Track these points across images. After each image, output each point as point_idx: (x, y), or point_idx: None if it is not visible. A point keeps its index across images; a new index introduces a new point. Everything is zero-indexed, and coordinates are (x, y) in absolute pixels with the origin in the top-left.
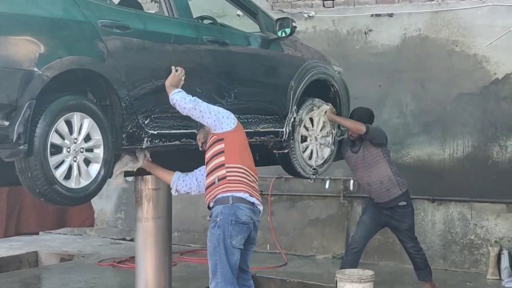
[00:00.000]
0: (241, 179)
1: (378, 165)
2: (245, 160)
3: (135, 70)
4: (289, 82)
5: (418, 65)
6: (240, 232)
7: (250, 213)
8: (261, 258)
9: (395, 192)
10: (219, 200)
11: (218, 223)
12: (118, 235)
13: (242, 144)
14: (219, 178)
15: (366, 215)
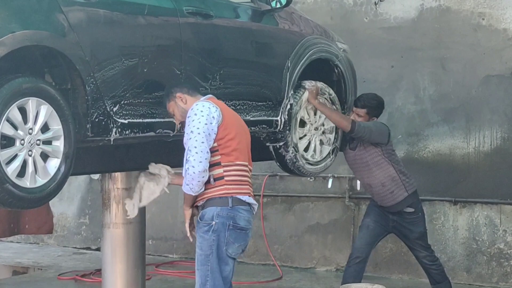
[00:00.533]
0: (240, 179)
1: (378, 166)
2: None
3: (102, 47)
4: (285, 62)
5: (438, 42)
6: (238, 239)
7: (249, 216)
8: (252, 271)
9: (400, 195)
10: (216, 201)
11: (213, 227)
12: (81, 243)
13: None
14: (215, 177)
15: (369, 218)
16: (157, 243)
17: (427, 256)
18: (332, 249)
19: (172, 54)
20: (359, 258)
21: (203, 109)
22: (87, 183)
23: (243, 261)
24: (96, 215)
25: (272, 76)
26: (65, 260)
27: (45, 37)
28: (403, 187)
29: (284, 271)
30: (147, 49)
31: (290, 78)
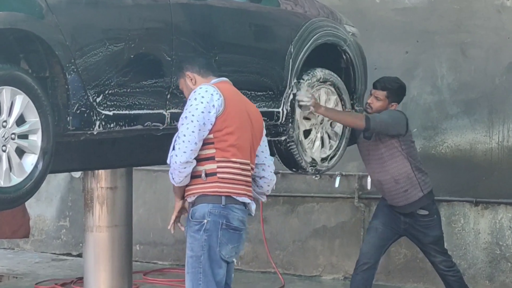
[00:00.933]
0: (237, 178)
1: (393, 159)
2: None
3: (83, 31)
4: (288, 47)
5: (458, 25)
6: (231, 240)
7: (243, 216)
8: (251, 279)
9: (415, 194)
10: (208, 198)
11: (205, 226)
12: (61, 249)
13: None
14: (208, 173)
15: (378, 220)
16: (145, 248)
17: (443, 261)
18: (339, 255)
19: (162, 38)
20: (367, 264)
21: (204, 94)
22: (67, 182)
23: (241, 269)
24: (77, 217)
25: (273, 63)
26: (43, 268)
27: (20, 19)
28: (419, 186)
29: (286, 279)
30: (134, 33)
31: (293, 65)
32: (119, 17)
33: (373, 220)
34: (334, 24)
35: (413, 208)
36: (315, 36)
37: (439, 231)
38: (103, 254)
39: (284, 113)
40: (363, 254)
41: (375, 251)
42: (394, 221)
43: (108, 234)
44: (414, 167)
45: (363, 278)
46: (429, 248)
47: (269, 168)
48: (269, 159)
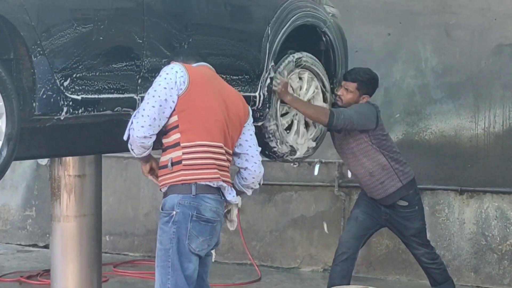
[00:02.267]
0: (204, 162)
1: (365, 153)
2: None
3: (50, 10)
4: (265, 28)
5: (442, 5)
6: (202, 233)
7: (217, 206)
8: (227, 271)
9: (393, 185)
10: (177, 188)
11: (173, 218)
12: (27, 240)
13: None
14: (173, 161)
15: (359, 209)
16: (115, 239)
17: (426, 253)
18: (319, 246)
19: (132, 19)
20: (346, 254)
21: (169, 71)
22: (33, 169)
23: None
24: (44, 206)
25: (250, 45)
26: (8, 259)
27: None
28: (396, 177)
29: (263, 271)
30: (103, 13)
31: (270, 47)
32: None
33: (354, 209)
34: (313, 4)
35: (393, 199)
36: (293, 17)
37: (420, 223)
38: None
39: (261, 97)
40: (342, 243)
41: (354, 240)
42: (376, 211)
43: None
44: (389, 158)
45: (342, 269)
46: (410, 241)
47: (253, 158)
48: (253, 149)
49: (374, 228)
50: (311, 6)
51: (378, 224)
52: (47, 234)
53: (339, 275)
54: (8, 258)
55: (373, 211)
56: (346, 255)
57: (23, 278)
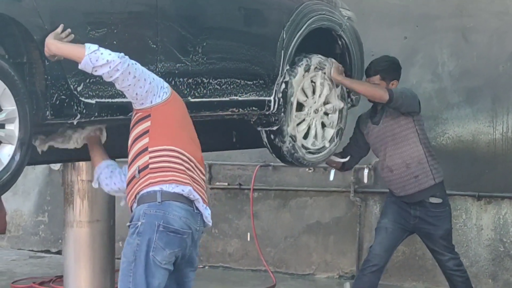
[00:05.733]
0: (173, 166)
1: (407, 141)
2: (180, 141)
3: (63, 14)
4: (280, 32)
5: (460, 8)
6: (170, 245)
7: (187, 217)
8: (241, 278)
9: (426, 182)
10: (143, 197)
11: (138, 229)
12: (39, 245)
13: (176, 121)
14: (140, 168)
15: (387, 218)
16: None
17: (451, 259)
18: (334, 252)
19: (146, 23)
20: (376, 266)
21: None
22: (46, 174)
23: (230, 267)
24: (56, 212)
25: (264, 49)
26: (20, 265)
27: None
28: (431, 174)
29: (278, 278)
30: (116, 17)
31: (285, 51)
32: (100, 0)
33: (382, 218)
34: (329, 7)
35: (424, 196)
36: (309, 21)
37: (449, 224)
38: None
39: (276, 102)
40: (374, 255)
41: (385, 253)
42: (404, 218)
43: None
44: (427, 152)
45: (370, 280)
46: (438, 244)
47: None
48: None
49: (403, 237)
50: (326, 9)
51: (407, 231)
52: (60, 239)
53: (366, 285)
54: (20, 264)
55: (401, 219)
56: (376, 268)
57: (36, 284)
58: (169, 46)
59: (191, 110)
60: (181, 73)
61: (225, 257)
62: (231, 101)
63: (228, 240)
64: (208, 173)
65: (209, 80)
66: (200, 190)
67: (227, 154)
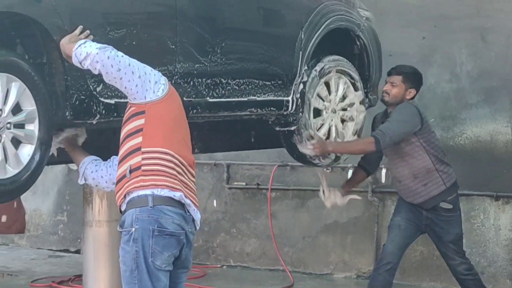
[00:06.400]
0: (165, 170)
1: (413, 154)
2: (174, 143)
3: (83, 15)
4: (298, 33)
5: (477, 8)
6: (167, 248)
7: (180, 220)
8: (259, 277)
9: (436, 188)
10: (134, 201)
11: (133, 235)
12: (58, 245)
13: (171, 120)
14: (132, 168)
15: (400, 216)
16: None
17: (462, 263)
18: (352, 252)
19: (165, 24)
20: (390, 264)
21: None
22: (65, 174)
23: (248, 266)
24: (75, 211)
25: (283, 50)
26: (39, 264)
27: (16, 2)
28: (440, 180)
29: (295, 277)
30: (136, 18)
31: (303, 52)
32: (120, 1)
33: (395, 216)
34: (347, 8)
35: (435, 202)
36: (327, 21)
37: (460, 229)
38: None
39: (294, 102)
40: (387, 253)
41: (399, 251)
42: (416, 217)
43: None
44: (435, 160)
45: (384, 278)
46: (448, 248)
47: None
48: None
49: (416, 235)
50: (344, 10)
51: (419, 230)
52: (79, 239)
53: (382, 283)
54: (39, 263)
55: (414, 217)
56: (390, 265)
57: (55, 283)
58: (188, 47)
59: (210, 110)
60: (200, 73)
61: (243, 257)
62: (250, 101)
63: (246, 240)
64: (226, 173)
65: (228, 81)
66: (190, 194)
67: (245, 154)
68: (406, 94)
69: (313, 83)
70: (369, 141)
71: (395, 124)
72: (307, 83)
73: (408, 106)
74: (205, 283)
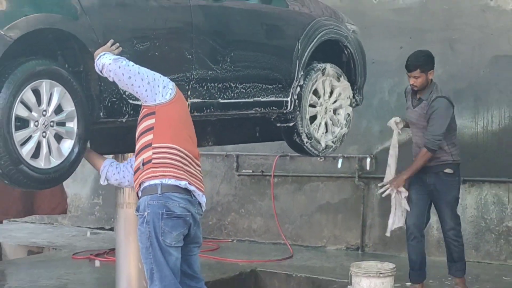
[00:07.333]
0: (172, 163)
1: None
2: (180, 139)
3: (113, 30)
4: (295, 44)
5: (447, 23)
6: (175, 228)
7: (186, 204)
8: (263, 250)
9: (445, 158)
10: (146, 190)
11: (146, 218)
12: (95, 223)
13: (178, 120)
14: (144, 161)
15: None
16: None
17: (453, 229)
18: (342, 228)
19: (183, 37)
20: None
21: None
22: None
23: (254, 240)
24: (109, 195)
25: (282, 58)
26: (79, 240)
27: (58, 20)
28: (449, 153)
29: (294, 250)
30: (158, 32)
31: (300, 60)
32: (145, 18)
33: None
34: (337, 22)
35: (441, 168)
36: (319, 34)
37: (457, 193)
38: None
39: (292, 102)
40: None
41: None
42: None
43: None
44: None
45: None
46: (445, 213)
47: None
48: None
49: (427, 203)
50: (334, 24)
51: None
52: (112, 218)
53: (413, 251)
54: (79, 239)
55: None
56: (413, 235)
57: (92, 256)
58: (202, 57)
59: (221, 109)
60: (213, 79)
61: (250, 233)
62: (255, 102)
63: (252, 218)
64: (235, 162)
65: (236, 85)
66: (195, 182)
67: (251, 146)
68: (429, 76)
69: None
70: (425, 153)
71: (437, 126)
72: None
73: (443, 102)
74: (218, 255)
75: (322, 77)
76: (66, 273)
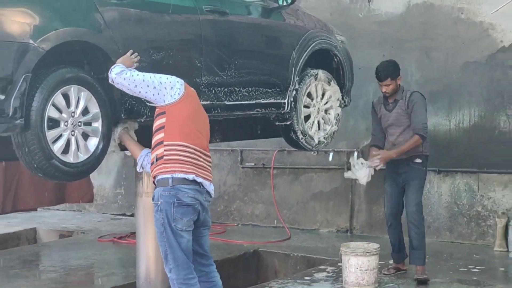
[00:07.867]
0: (181, 159)
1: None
2: (189, 136)
3: (133, 42)
4: (291, 52)
5: (423, 33)
6: (185, 214)
7: (195, 194)
8: (264, 233)
9: (417, 150)
10: (160, 182)
11: (160, 207)
12: (118, 210)
13: (187, 117)
14: (158, 157)
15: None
16: None
17: (414, 213)
18: (333, 213)
19: (193, 48)
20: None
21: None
22: (122, 158)
23: (257, 224)
24: (130, 186)
25: (280, 66)
26: (104, 225)
27: (84, 33)
28: (421, 147)
29: (292, 232)
30: (172, 43)
31: (295, 67)
32: (160, 31)
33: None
34: (327, 34)
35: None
36: (312, 44)
37: (423, 181)
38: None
39: (289, 103)
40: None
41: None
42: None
43: None
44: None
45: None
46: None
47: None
48: None
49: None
50: (325, 35)
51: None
52: (132, 206)
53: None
54: (104, 224)
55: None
56: (390, 223)
57: (116, 238)
58: (211, 64)
59: (227, 110)
60: (219, 84)
61: (253, 218)
62: (256, 104)
63: (255, 205)
64: (240, 156)
65: (240, 89)
66: (203, 173)
67: (253, 142)
68: (397, 81)
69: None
70: (417, 139)
71: (421, 113)
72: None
73: (419, 95)
74: (225, 237)
75: (315, 82)
76: (93, 254)
